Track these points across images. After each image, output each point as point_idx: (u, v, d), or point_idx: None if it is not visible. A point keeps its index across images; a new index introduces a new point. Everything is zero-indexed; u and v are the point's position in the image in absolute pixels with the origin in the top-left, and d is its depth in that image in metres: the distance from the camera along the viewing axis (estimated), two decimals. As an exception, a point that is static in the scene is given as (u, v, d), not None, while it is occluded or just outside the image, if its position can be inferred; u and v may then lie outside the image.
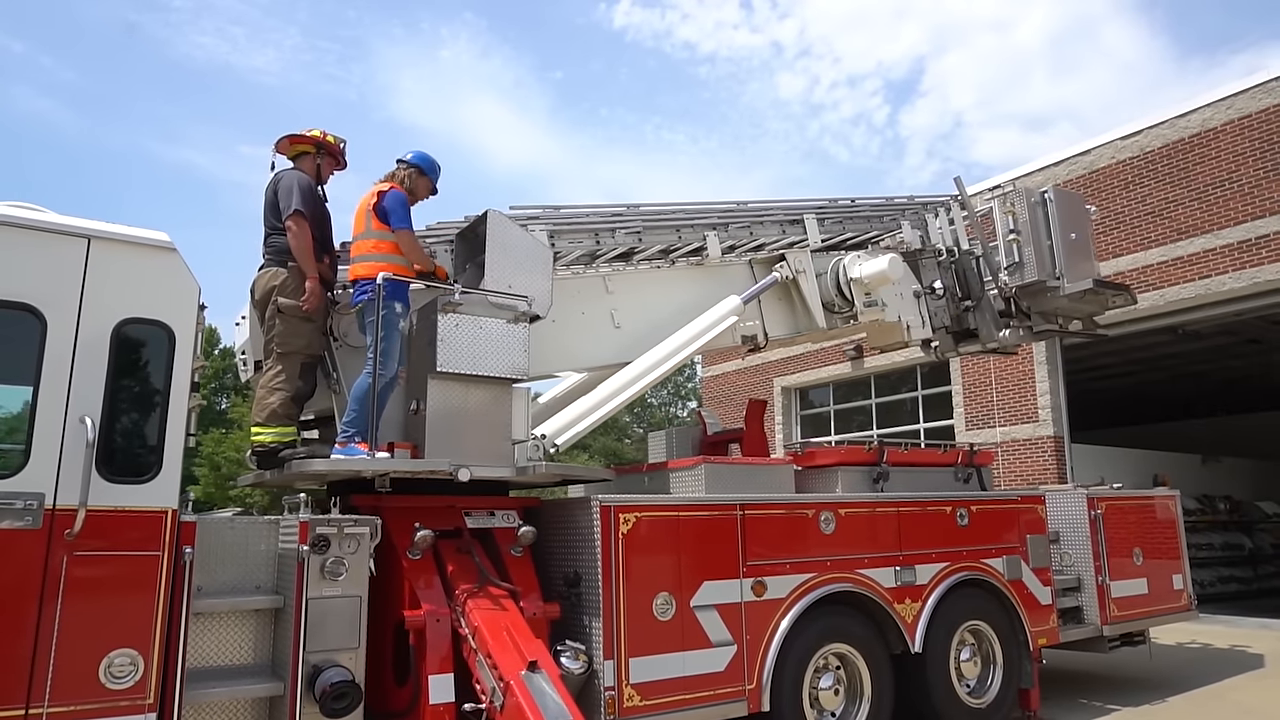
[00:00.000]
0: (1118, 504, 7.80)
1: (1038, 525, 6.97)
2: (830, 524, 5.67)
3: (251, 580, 4.16)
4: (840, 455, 6.34)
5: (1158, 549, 8.04)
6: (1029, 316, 7.48)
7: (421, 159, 5.13)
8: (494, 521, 4.95)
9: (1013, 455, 14.18)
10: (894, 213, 7.44)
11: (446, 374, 4.78)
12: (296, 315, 4.66)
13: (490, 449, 4.92)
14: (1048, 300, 7.37)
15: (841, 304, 6.72)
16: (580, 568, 4.80)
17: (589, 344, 6.03)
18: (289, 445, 4.65)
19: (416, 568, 4.49)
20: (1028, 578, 6.72)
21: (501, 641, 4.09)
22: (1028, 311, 7.46)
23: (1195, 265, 12.08)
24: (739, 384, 21.29)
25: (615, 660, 4.58)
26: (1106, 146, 13.26)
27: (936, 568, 6.17)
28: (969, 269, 7.56)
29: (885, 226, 7.37)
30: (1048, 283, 7.19)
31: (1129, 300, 7.64)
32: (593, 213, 6.11)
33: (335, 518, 4.13)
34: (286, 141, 4.98)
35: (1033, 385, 14.09)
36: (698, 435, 7.24)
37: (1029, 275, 7.21)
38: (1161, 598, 7.91)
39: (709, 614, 4.99)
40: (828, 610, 5.53)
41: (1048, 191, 7.37)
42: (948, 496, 6.46)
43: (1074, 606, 7.38)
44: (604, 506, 4.74)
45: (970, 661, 6.34)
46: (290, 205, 4.65)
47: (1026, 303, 7.42)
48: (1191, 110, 12.33)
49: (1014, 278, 7.29)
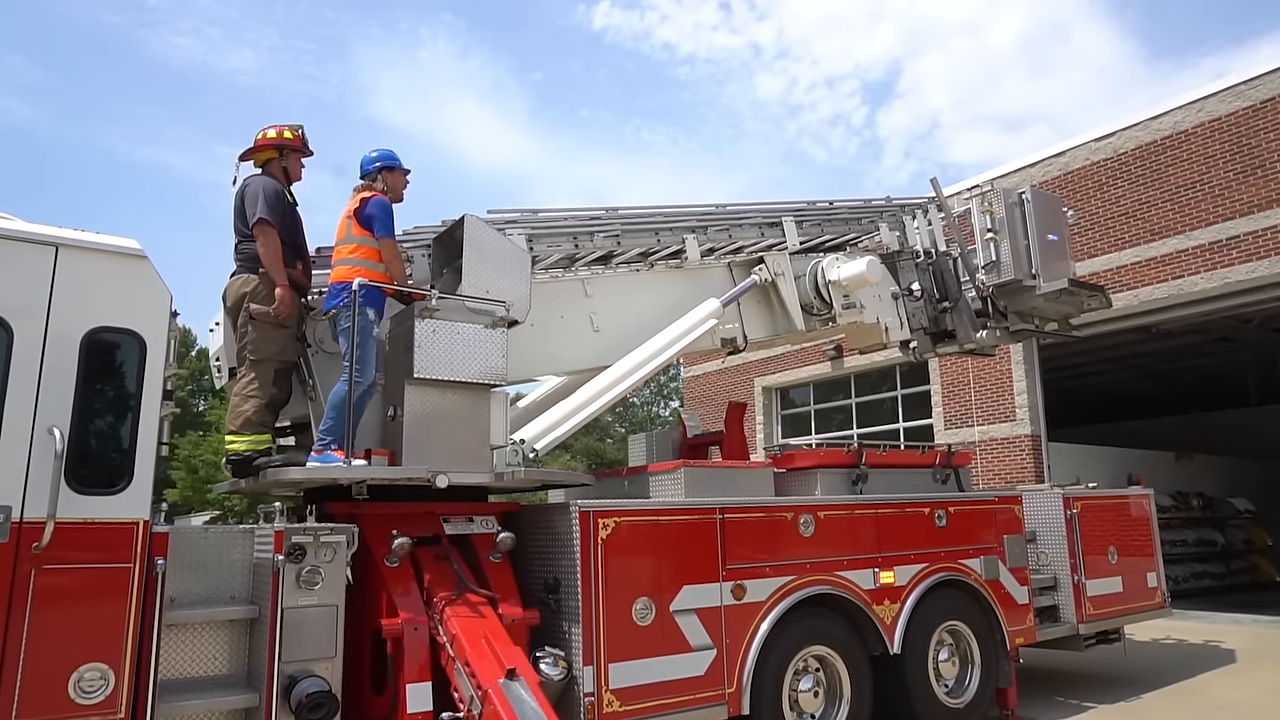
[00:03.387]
0: (1093, 503, 7.89)
1: (1015, 525, 7.03)
2: (809, 526, 5.68)
3: (226, 590, 4.11)
4: (819, 458, 6.37)
5: (1132, 547, 8.13)
6: (1006, 317, 7.53)
7: (385, 156, 5.11)
8: (473, 528, 4.92)
9: (991, 454, 14.31)
10: (872, 214, 7.47)
11: (424, 380, 4.75)
12: (268, 322, 4.61)
13: (468, 455, 4.90)
14: (1024, 300, 7.42)
15: (820, 306, 6.74)
16: (560, 573, 4.78)
17: (568, 348, 6.02)
18: (264, 453, 4.60)
19: (394, 575, 4.45)
20: (1005, 578, 6.78)
21: (479, 649, 4.07)
22: (1004, 311, 7.52)
23: (1168, 265, 12.25)
24: (720, 384, 21.34)
25: (595, 666, 4.56)
26: (1081, 148, 13.41)
27: (915, 569, 6.20)
28: (946, 270, 7.61)
29: (863, 228, 7.40)
30: (1024, 282, 7.23)
31: (1104, 302, 7.72)
32: (571, 216, 6.09)
33: (311, 526, 4.09)
34: (249, 153, 4.93)
35: (1010, 385, 14.23)
36: (678, 438, 7.24)
37: (1006, 274, 7.26)
38: (1136, 595, 8.00)
39: (689, 618, 4.99)
40: (807, 613, 5.55)
41: (1025, 192, 7.42)
42: (926, 498, 6.50)
43: (1050, 605, 7.45)
44: (583, 511, 4.72)
45: (948, 662, 6.38)
46: (255, 213, 4.59)
47: (1003, 302, 7.47)
48: (1163, 113, 12.50)
49: (991, 276, 7.34)
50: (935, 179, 7.67)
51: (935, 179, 7.67)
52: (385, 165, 5.05)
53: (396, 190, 5.09)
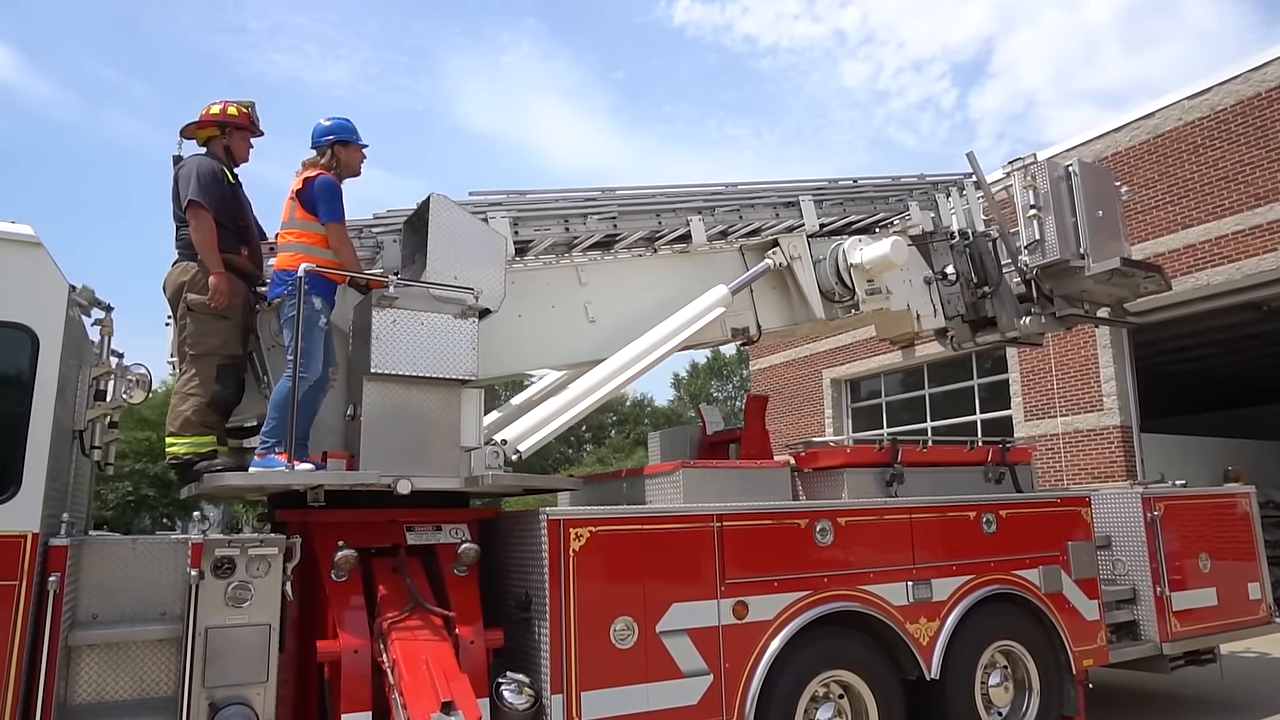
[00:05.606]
0: (1180, 504, 6.90)
1: (1081, 530, 6.18)
2: (828, 535, 5.04)
3: (156, 607, 3.76)
4: (846, 456, 5.69)
5: (1230, 554, 7.10)
6: (1052, 301, 6.72)
7: (339, 126, 4.60)
8: (439, 537, 4.49)
9: (1076, 448, 13.12)
10: (901, 193, 6.74)
11: (383, 375, 4.34)
12: (207, 313, 4.28)
13: (438, 457, 4.47)
14: (1072, 282, 6.64)
15: (842, 292, 6.06)
16: (531, 589, 4.30)
17: (560, 340, 5.53)
18: (207, 456, 4.27)
19: (340, 591, 4.06)
20: (1069, 590, 5.95)
21: (417, 677, 3.63)
22: (1050, 295, 6.71)
23: (1276, 233, 10.87)
24: (787, 377, 20.53)
25: (565, 694, 4.07)
26: (1172, 108, 12.08)
27: (958, 581, 5.47)
28: (985, 252, 6.88)
29: (892, 208, 6.69)
30: (1071, 262, 6.49)
31: (1161, 284, 6.85)
32: (562, 198, 5.60)
33: (238, 538, 3.73)
34: (192, 128, 4.61)
35: (1097, 371, 12.99)
36: (697, 435, 6.67)
37: (1051, 254, 6.51)
38: (1234, 609, 6.98)
39: (679, 640, 4.44)
40: (825, 633, 4.92)
41: (1072, 165, 6.64)
42: (970, 500, 5.74)
43: (1129, 621, 6.56)
44: (552, 520, 4.23)
45: (1000, 687, 5.62)
46: (187, 195, 4.26)
47: (1049, 286, 6.70)
48: (1268, 61, 11.09)
49: (1035, 257, 6.59)
50: (971, 153, 6.93)
51: (971, 153, 6.93)
52: (340, 139, 4.59)
53: (352, 166, 4.67)
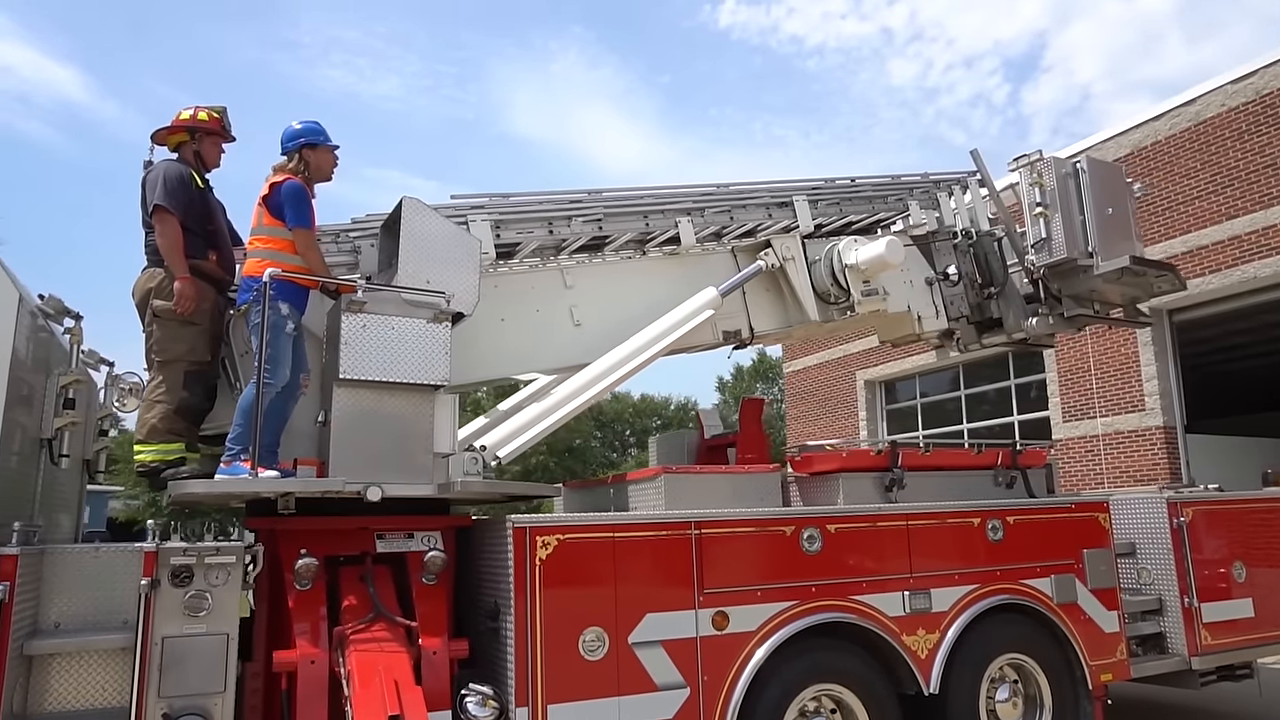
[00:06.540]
0: (1210, 509, 6.52)
1: (1099, 537, 5.86)
2: (815, 542, 4.85)
3: (118, 615, 3.77)
4: (841, 460, 5.48)
5: (1268, 562, 6.69)
6: (1060, 301, 6.42)
7: (309, 130, 4.52)
8: (411, 545, 4.43)
9: (1116, 449, 12.59)
10: (901, 192, 6.52)
11: (353, 381, 4.29)
12: (174, 319, 4.29)
13: (411, 464, 4.41)
14: (1080, 281, 6.35)
15: (838, 294, 5.86)
16: (499, 598, 4.21)
17: (545, 343, 5.43)
18: (175, 463, 4.28)
19: (302, 600, 4.01)
20: (1085, 601, 5.65)
21: (369, 689, 3.56)
22: (1058, 295, 6.42)
23: (1328, 223, 10.30)
24: (820, 379, 20.21)
25: (530, 707, 3.97)
26: (1215, 93, 11.52)
27: (960, 591, 5.23)
28: (990, 252, 6.62)
29: (892, 208, 6.48)
30: (1079, 261, 6.20)
31: (1175, 283, 6.52)
32: (546, 200, 5.51)
33: (195, 546, 3.71)
34: (163, 133, 4.63)
35: (1138, 369, 12.46)
36: (695, 440, 6.52)
37: (1058, 253, 6.24)
38: (1273, 621, 6.56)
39: (653, 651, 4.30)
40: (814, 645, 4.73)
41: (1080, 161, 6.36)
42: (974, 506, 5.48)
43: (1155, 633, 6.21)
44: (518, 528, 4.13)
45: (1008, 703, 5.35)
46: (153, 199, 4.27)
47: (1056, 285, 6.42)
48: (1316, 41, 10.51)
49: (1041, 256, 6.32)
50: (976, 150, 6.74)
51: (976, 150, 6.74)
52: (309, 141, 4.52)
53: (323, 170, 4.62)
